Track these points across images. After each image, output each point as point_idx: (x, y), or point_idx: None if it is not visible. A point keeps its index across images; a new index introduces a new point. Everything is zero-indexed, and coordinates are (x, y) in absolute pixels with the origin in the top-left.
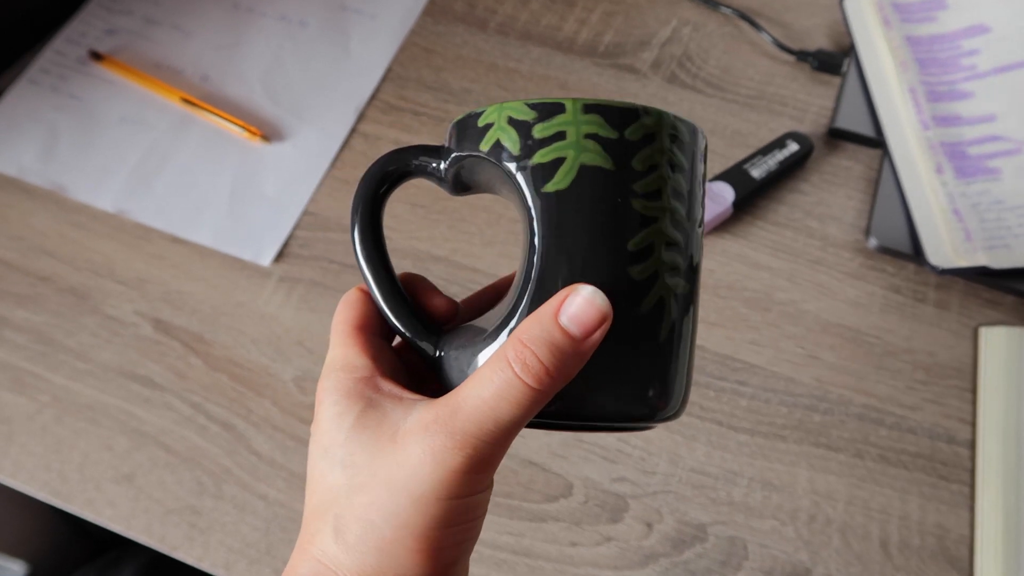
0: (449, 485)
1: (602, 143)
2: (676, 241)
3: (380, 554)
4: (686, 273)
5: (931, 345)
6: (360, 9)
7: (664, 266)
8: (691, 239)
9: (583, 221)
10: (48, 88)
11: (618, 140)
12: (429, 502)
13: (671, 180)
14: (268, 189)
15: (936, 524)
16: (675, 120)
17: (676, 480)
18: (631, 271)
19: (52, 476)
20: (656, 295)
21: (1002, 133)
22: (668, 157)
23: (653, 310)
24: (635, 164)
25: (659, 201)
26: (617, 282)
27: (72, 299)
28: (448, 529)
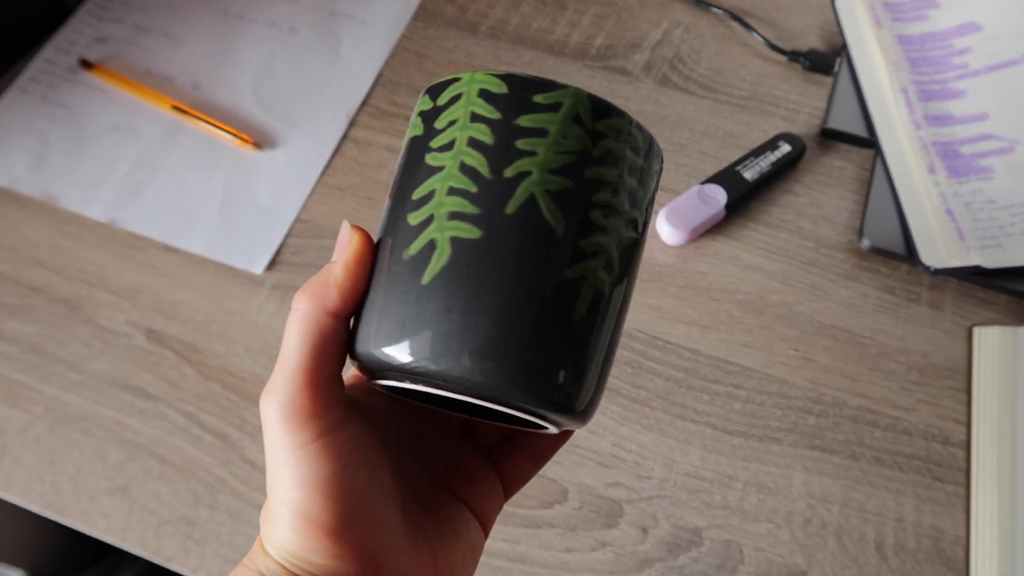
0: (278, 448)
1: (422, 116)
2: (461, 187)
3: (266, 524)
4: (480, 218)
5: (925, 346)
6: (350, 14)
7: (441, 209)
8: (493, 187)
9: (395, 185)
10: (38, 97)
11: (431, 109)
12: (276, 471)
13: (468, 130)
14: (260, 197)
15: (931, 526)
16: (492, 76)
17: (671, 484)
18: (409, 217)
19: (46, 488)
20: (426, 238)
21: (994, 132)
22: (471, 110)
23: (417, 254)
24: (436, 124)
25: (449, 151)
26: (397, 229)
27: (64, 309)
28: (299, 489)
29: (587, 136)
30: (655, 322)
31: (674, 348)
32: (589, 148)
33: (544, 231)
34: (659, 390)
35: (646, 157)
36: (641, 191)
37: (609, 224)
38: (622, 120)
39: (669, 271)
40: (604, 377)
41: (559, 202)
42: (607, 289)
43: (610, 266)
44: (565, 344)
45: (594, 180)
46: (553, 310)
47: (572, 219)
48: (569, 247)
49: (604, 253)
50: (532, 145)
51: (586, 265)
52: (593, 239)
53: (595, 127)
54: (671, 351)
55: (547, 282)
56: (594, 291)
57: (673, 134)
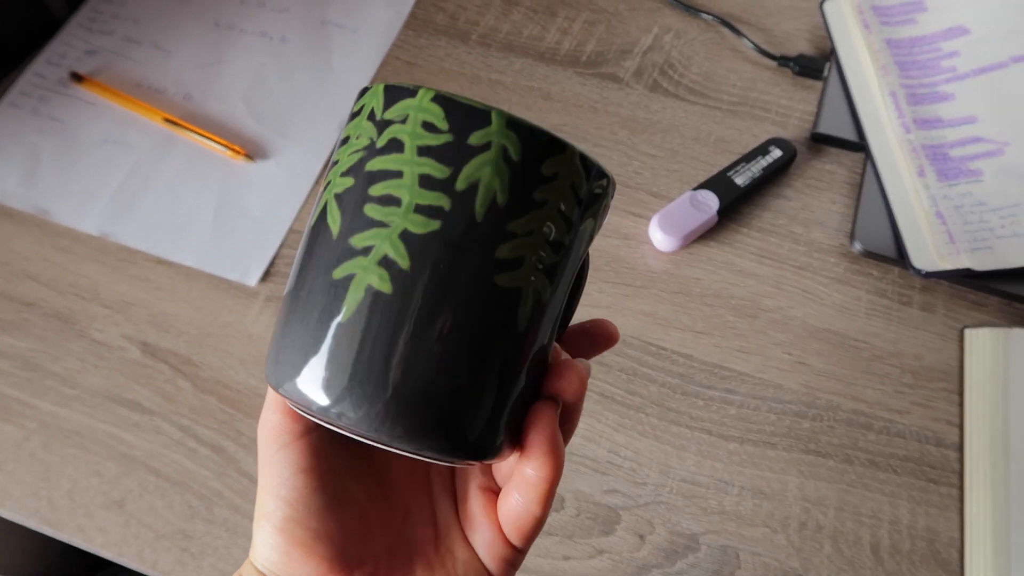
0: (262, 446)
1: None
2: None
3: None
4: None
5: (917, 348)
6: (341, 23)
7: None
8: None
9: None
10: (29, 111)
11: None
12: (264, 461)
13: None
14: (253, 208)
15: (926, 528)
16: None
17: (667, 490)
18: None
19: (41, 504)
20: None
21: (983, 134)
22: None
23: None
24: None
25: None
26: None
27: (57, 324)
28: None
29: (374, 128)
30: (649, 328)
31: (668, 354)
32: (375, 140)
33: (324, 235)
34: (654, 396)
35: (456, 131)
36: (447, 171)
37: (387, 216)
38: (412, 99)
39: (662, 277)
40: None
41: (341, 203)
42: (387, 286)
43: (387, 261)
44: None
45: (374, 172)
46: (322, 313)
47: (347, 218)
48: (341, 247)
49: (377, 248)
50: (338, 156)
51: (355, 262)
52: (365, 234)
53: (384, 117)
54: (665, 357)
55: (318, 285)
56: (364, 289)
57: (664, 140)
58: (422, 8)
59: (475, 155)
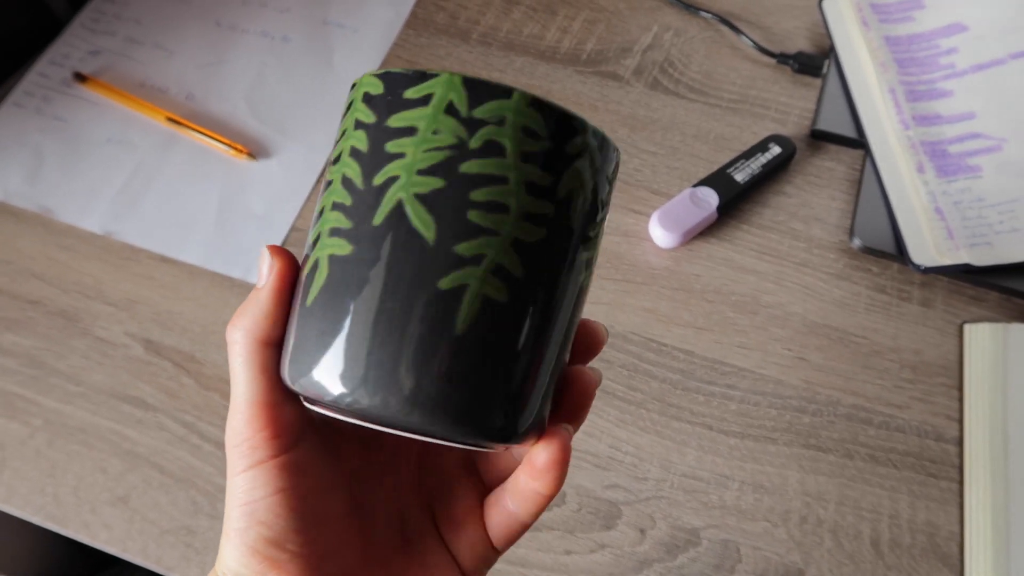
0: (229, 470)
1: None
2: (339, 201)
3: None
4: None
5: (917, 343)
6: (342, 23)
7: (324, 227)
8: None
9: None
10: (33, 110)
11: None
12: (235, 474)
13: (351, 139)
14: (255, 206)
15: (926, 522)
16: (371, 76)
17: (668, 485)
18: (308, 238)
19: (47, 500)
20: (313, 258)
21: (982, 131)
22: (355, 117)
23: (307, 275)
24: (337, 136)
25: (335, 165)
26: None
27: (62, 322)
28: (238, 509)
29: (462, 126)
30: (650, 325)
31: (669, 350)
32: (465, 140)
33: (413, 239)
34: (655, 392)
35: (557, 139)
36: (552, 180)
37: (497, 223)
38: (507, 101)
39: (663, 274)
40: (521, 394)
41: (429, 205)
42: (503, 296)
43: (502, 270)
44: (452, 362)
45: (473, 176)
46: (433, 327)
47: (445, 223)
48: (444, 254)
49: (491, 257)
50: (401, 147)
51: (467, 272)
52: (475, 242)
53: (473, 114)
54: (666, 353)
55: (421, 296)
56: (481, 301)
57: (664, 137)
58: (423, 7)
59: (572, 163)
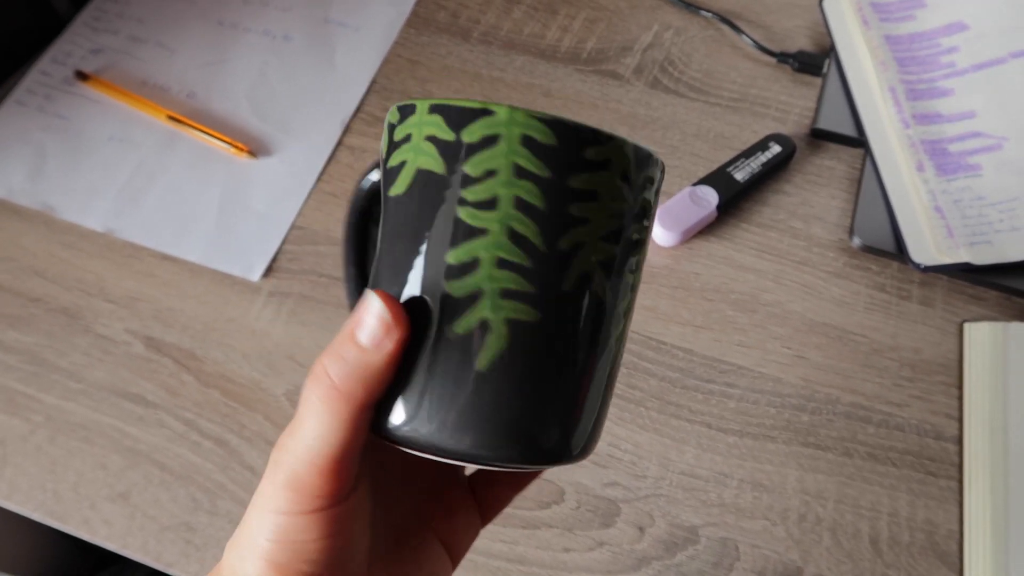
0: (274, 498)
1: (438, 145)
2: (516, 263)
3: (231, 550)
4: (538, 299)
5: (917, 342)
6: (344, 22)
7: (491, 286)
8: (550, 262)
9: (412, 229)
10: (35, 109)
11: (454, 142)
12: (261, 513)
13: (515, 188)
14: (256, 204)
15: (925, 520)
16: (532, 118)
17: (667, 483)
18: (448, 286)
19: (47, 496)
20: (477, 317)
21: (982, 129)
22: (514, 161)
23: (467, 334)
24: (467, 168)
25: (494, 211)
26: (434, 297)
27: (63, 319)
28: (280, 543)
29: (631, 192)
30: (649, 323)
31: (668, 348)
32: (632, 206)
33: (598, 307)
34: (654, 390)
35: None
36: (645, 233)
37: (636, 279)
38: (657, 166)
39: (662, 272)
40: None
41: (608, 273)
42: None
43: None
44: (595, 408)
45: (635, 241)
46: (600, 383)
47: (617, 288)
48: (616, 317)
49: (630, 310)
50: (584, 211)
51: (624, 331)
52: (627, 301)
53: (636, 180)
54: (665, 351)
55: (601, 360)
56: (622, 349)
57: (664, 136)
58: (424, 6)
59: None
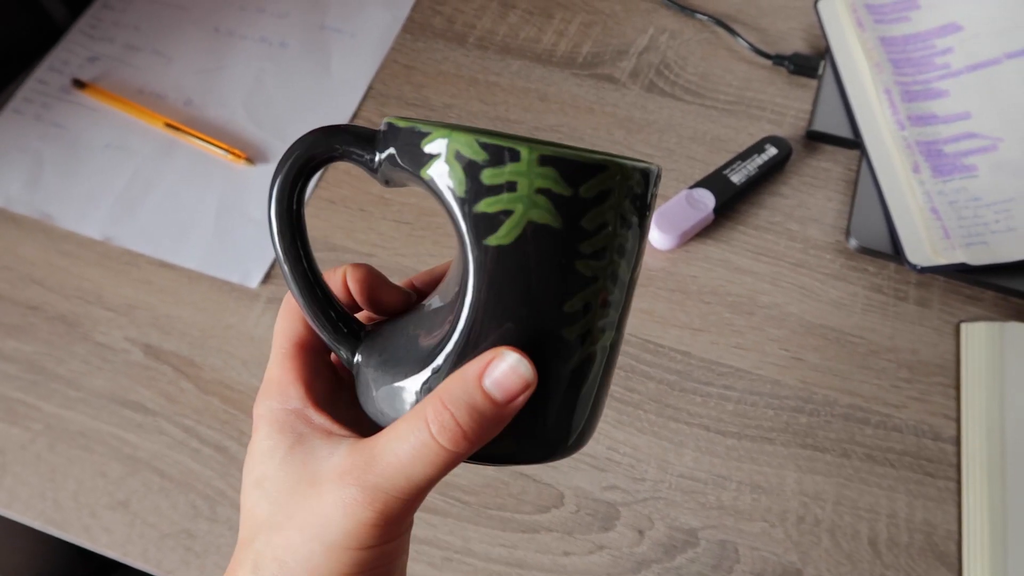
0: (359, 536)
1: (554, 200)
2: (613, 299)
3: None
4: (617, 324)
5: (914, 343)
6: (340, 28)
7: (597, 324)
8: (628, 291)
9: (522, 281)
10: (32, 117)
11: (571, 197)
12: (340, 551)
13: (619, 237)
14: (253, 211)
15: (924, 521)
16: (635, 170)
17: (666, 486)
18: (564, 332)
19: (47, 505)
20: (586, 352)
21: (977, 130)
22: (620, 213)
23: (580, 367)
24: (585, 223)
25: (603, 260)
26: (548, 343)
27: (62, 327)
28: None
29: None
30: (647, 326)
31: (666, 351)
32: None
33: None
34: (652, 393)
35: None
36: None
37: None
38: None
39: (660, 275)
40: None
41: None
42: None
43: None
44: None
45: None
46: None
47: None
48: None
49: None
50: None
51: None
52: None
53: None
54: (663, 354)
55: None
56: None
57: (661, 139)
58: (419, 12)
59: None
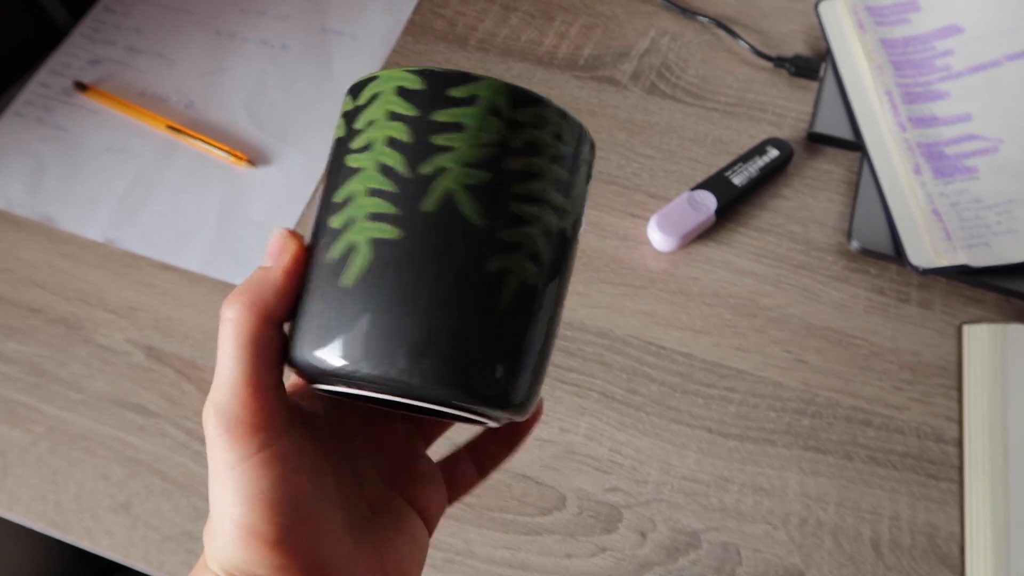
0: (218, 457)
1: (344, 116)
2: (381, 188)
3: (209, 539)
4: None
5: (916, 345)
6: (341, 30)
7: (360, 212)
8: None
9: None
10: (34, 120)
11: (352, 109)
12: (216, 481)
13: (387, 129)
14: (255, 213)
15: (926, 523)
16: (409, 72)
17: (668, 488)
18: (330, 221)
19: (49, 507)
20: (345, 241)
21: (978, 132)
22: (387, 109)
23: (341, 257)
24: (355, 124)
25: (367, 152)
26: (320, 233)
27: (63, 329)
28: (243, 504)
29: (506, 127)
30: (649, 328)
31: (668, 353)
32: (508, 139)
33: (463, 226)
34: (654, 395)
35: (576, 146)
36: (571, 180)
37: (534, 215)
38: (545, 108)
39: (661, 277)
40: (541, 369)
41: (478, 196)
42: (536, 280)
43: (537, 257)
44: (494, 339)
45: (516, 171)
46: (478, 305)
47: (493, 212)
48: (491, 241)
49: (529, 244)
50: (449, 140)
51: (510, 257)
52: (516, 231)
53: (515, 117)
54: (665, 356)
55: (470, 278)
56: (520, 283)
57: (662, 141)
58: (421, 14)
59: (583, 167)
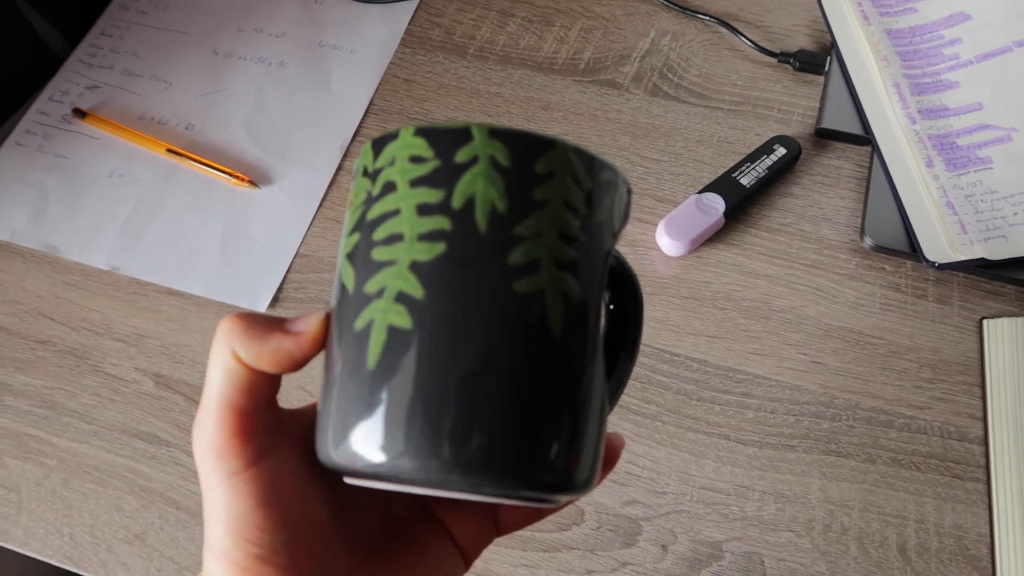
0: (205, 477)
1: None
2: None
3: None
4: None
5: (935, 342)
6: (338, 45)
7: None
8: None
9: None
10: (34, 149)
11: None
12: (206, 501)
13: None
14: (259, 234)
15: (954, 524)
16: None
17: (687, 499)
18: None
19: (64, 541)
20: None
21: (991, 121)
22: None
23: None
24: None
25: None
26: None
27: (72, 360)
28: (223, 526)
29: (369, 181)
30: (661, 335)
31: (682, 360)
32: (371, 191)
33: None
34: (669, 404)
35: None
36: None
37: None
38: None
39: (672, 282)
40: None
41: (353, 260)
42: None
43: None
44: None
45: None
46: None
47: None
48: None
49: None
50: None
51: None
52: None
53: (375, 168)
54: (679, 363)
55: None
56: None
57: (667, 144)
58: (418, 25)
59: (465, 171)
